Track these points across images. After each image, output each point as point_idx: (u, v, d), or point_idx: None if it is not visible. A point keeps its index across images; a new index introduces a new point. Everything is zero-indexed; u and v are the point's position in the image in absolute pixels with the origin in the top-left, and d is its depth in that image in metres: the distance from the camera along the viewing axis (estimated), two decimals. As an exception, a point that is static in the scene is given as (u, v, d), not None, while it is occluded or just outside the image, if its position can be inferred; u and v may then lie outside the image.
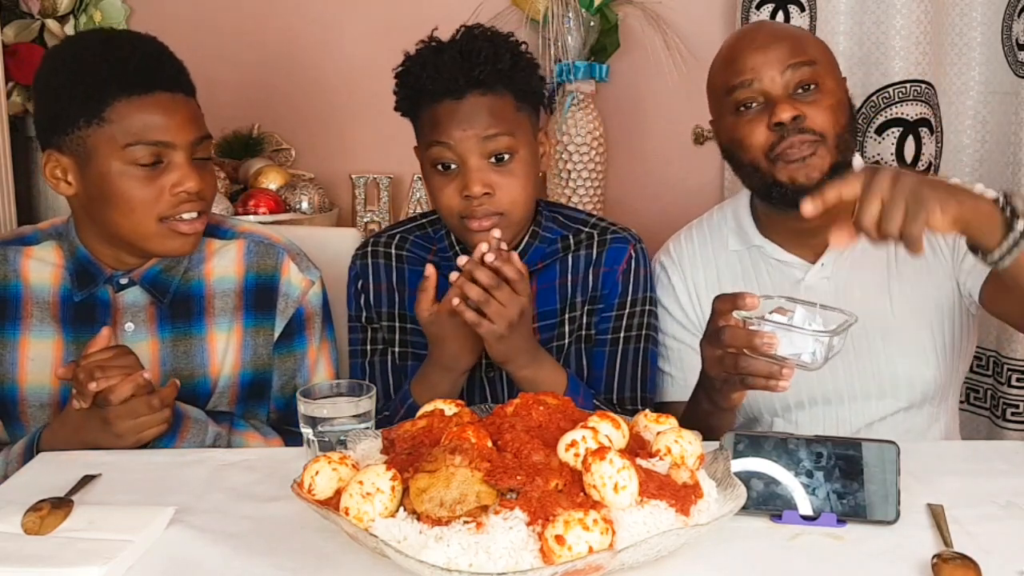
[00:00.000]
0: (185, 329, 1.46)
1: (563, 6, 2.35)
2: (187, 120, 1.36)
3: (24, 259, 1.46)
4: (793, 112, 1.40)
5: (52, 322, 1.44)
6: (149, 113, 1.33)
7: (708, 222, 1.66)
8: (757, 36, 1.48)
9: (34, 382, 1.43)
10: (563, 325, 1.54)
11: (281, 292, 1.50)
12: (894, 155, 2.30)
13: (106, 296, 1.44)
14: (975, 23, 2.27)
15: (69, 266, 1.44)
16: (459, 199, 1.44)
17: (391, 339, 1.56)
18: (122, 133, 1.32)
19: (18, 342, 1.43)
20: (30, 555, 0.98)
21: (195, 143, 1.37)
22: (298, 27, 2.61)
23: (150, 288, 1.44)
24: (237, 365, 1.48)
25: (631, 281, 1.54)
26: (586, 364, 1.54)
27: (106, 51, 1.35)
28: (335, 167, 2.62)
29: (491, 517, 0.90)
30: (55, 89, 1.37)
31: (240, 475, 1.23)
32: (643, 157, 2.60)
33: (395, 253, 1.58)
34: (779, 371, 1.17)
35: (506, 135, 1.42)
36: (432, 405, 1.14)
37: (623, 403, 1.53)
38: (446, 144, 1.42)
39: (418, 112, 1.47)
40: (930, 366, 1.49)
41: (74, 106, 1.33)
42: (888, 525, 1.05)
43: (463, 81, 1.41)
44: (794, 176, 1.42)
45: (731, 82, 1.45)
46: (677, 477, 0.99)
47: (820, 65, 1.44)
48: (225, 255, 1.50)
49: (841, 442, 1.10)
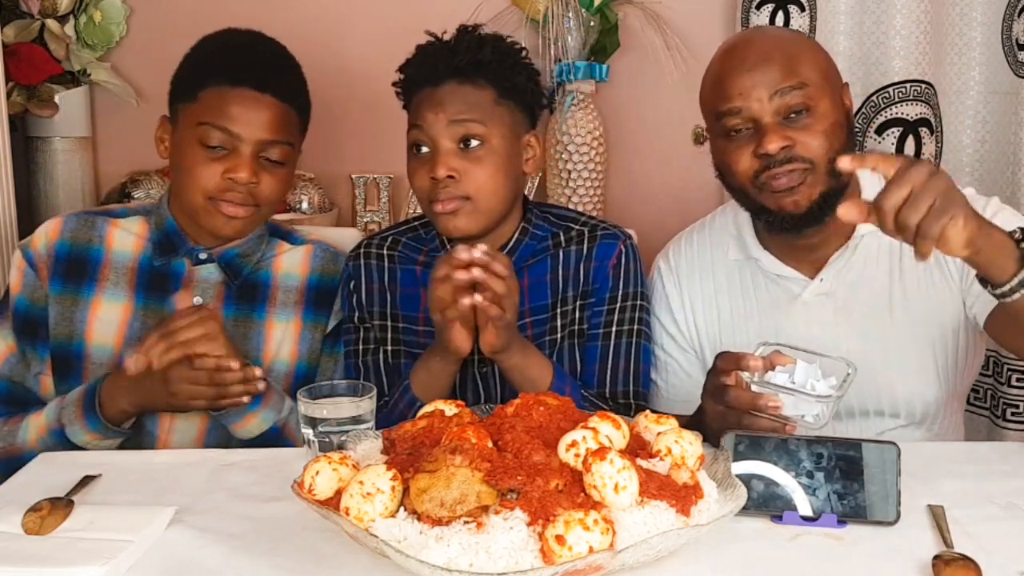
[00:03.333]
0: (248, 312, 1.56)
1: (563, 6, 2.35)
2: (264, 120, 1.47)
3: (111, 227, 1.57)
4: (781, 143, 1.36)
5: (126, 287, 1.53)
6: (229, 103, 1.45)
7: (711, 225, 1.63)
8: (747, 56, 1.40)
9: (99, 341, 1.51)
10: (555, 319, 1.55)
11: (339, 295, 1.61)
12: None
13: (182, 268, 1.54)
14: (975, 23, 2.27)
15: (153, 237, 1.55)
16: (428, 181, 1.47)
17: (383, 338, 1.57)
18: (202, 113, 1.46)
19: (91, 302, 1.52)
20: (30, 555, 0.98)
21: (266, 143, 1.47)
22: (298, 27, 2.60)
23: (226, 267, 1.55)
24: (294, 355, 1.57)
25: (621, 275, 1.54)
26: (579, 359, 1.55)
27: (225, 44, 1.54)
28: (335, 167, 2.61)
29: (491, 517, 0.90)
30: (180, 65, 1.54)
31: (240, 475, 1.23)
32: (643, 157, 2.60)
33: (387, 254, 1.60)
34: (783, 428, 1.17)
35: (476, 122, 1.46)
36: (432, 405, 1.14)
37: (615, 397, 1.52)
38: (419, 127, 1.48)
39: (408, 103, 1.53)
40: (931, 386, 1.46)
41: (182, 83, 1.52)
42: (888, 526, 1.05)
43: (442, 68, 1.47)
44: (781, 205, 1.39)
45: (719, 107, 1.41)
46: (677, 477, 0.99)
47: (813, 87, 1.38)
48: (294, 256, 1.61)
49: (841, 443, 1.10)
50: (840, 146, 1.38)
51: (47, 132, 2.48)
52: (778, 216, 1.40)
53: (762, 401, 1.16)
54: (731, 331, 1.54)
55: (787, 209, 1.39)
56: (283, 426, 1.47)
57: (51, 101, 2.44)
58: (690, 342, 1.59)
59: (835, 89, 1.43)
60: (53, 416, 1.44)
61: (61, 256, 1.53)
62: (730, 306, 1.56)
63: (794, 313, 1.49)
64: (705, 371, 1.27)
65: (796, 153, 1.37)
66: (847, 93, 1.46)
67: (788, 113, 1.37)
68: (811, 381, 1.15)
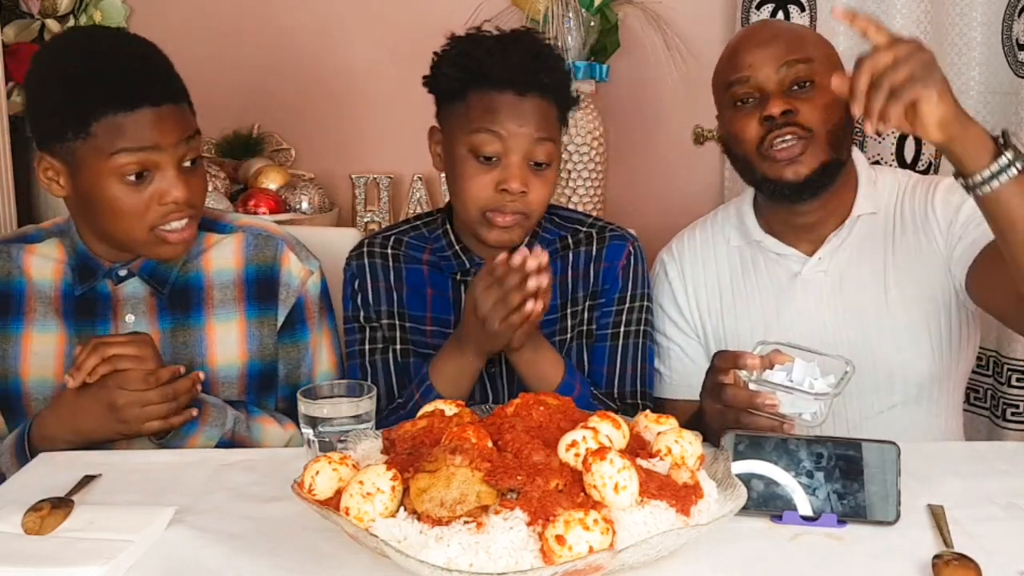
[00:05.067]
0: (184, 320, 1.47)
1: (563, 6, 2.35)
2: (173, 128, 1.35)
3: (27, 255, 1.48)
4: (783, 106, 1.43)
5: (55, 316, 1.45)
6: (131, 129, 1.32)
7: (712, 220, 1.68)
8: (758, 34, 1.52)
9: (37, 376, 1.45)
10: (564, 320, 1.55)
11: (282, 282, 1.51)
12: (894, 155, 2.30)
13: (106, 289, 1.46)
14: (975, 23, 2.27)
15: (71, 261, 1.46)
16: (491, 191, 1.44)
17: (391, 337, 1.56)
18: (108, 145, 1.32)
19: (22, 336, 1.45)
20: (30, 555, 0.98)
21: (182, 147, 1.36)
22: (299, 27, 2.61)
23: (149, 279, 1.46)
24: (244, 356, 1.49)
25: (630, 277, 1.56)
26: (587, 359, 1.55)
27: (91, 65, 1.34)
28: (335, 167, 2.62)
29: (491, 517, 0.90)
30: (43, 99, 1.38)
31: (240, 475, 1.23)
32: (643, 157, 2.60)
33: (391, 253, 1.58)
34: (781, 426, 1.18)
35: (550, 141, 1.46)
36: (432, 406, 1.14)
37: (623, 398, 1.54)
38: (497, 134, 1.42)
39: (466, 95, 1.45)
40: (924, 357, 1.50)
41: (61, 118, 1.34)
42: (888, 525, 1.05)
43: (530, 79, 1.44)
44: (782, 173, 1.45)
45: (729, 77, 1.49)
46: (677, 477, 0.99)
47: (817, 63, 1.46)
48: (224, 248, 1.51)
49: (841, 442, 1.10)
50: (839, 122, 1.46)
51: (47, 132, 2.47)
52: (779, 185, 1.46)
53: (759, 399, 1.17)
54: (733, 314, 1.59)
55: (787, 178, 1.45)
56: (232, 437, 1.41)
57: (51, 101, 2.44)
58: (693, 328, 1.62)
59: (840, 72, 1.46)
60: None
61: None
62: (732, 289, 1.60)
63: (794, 291, 1.55)
64: (708, 357, 1.30)
65: (797, 119, 1.43)
66: None
67: (792, 84, 1.45)
68: (809, 379, 1.16)
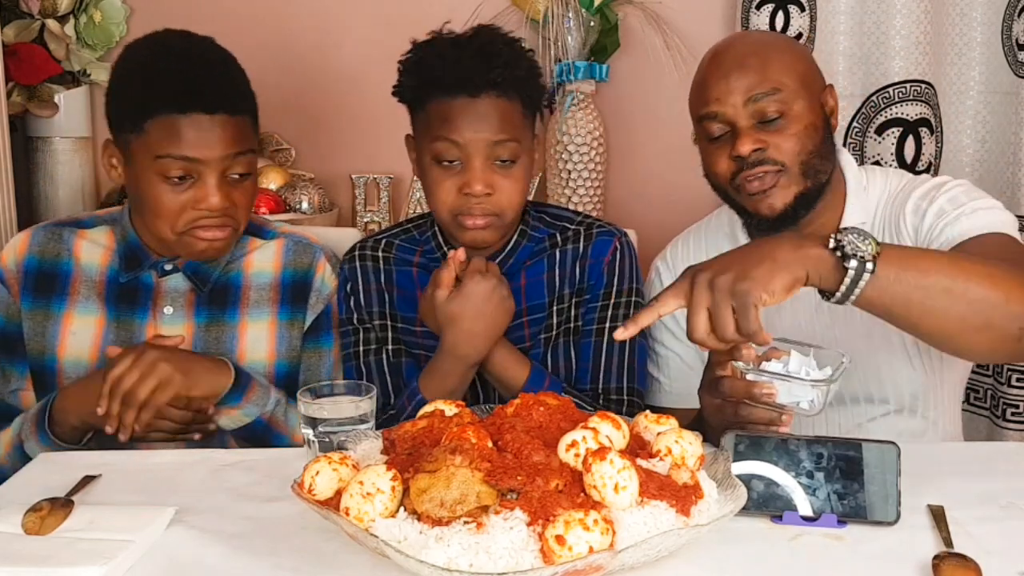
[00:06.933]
0: (219, 316, 1.53)
1: (563, 6, 2.35)
2: (222, 139, 1.41)
3: (78, 239, 1.55)
4: (753, 145, 1.41)
5: (97, 300, 1.51)
6: (182, 132, 1.39)
7: (706, 226, 1.67)
8: (723, 62, 1.45)
9: (73, 356, 1.50)
10: (551, 317, 1.55)
11: (314, 287, 1.58)
12: (894, 155, 2.30)
13: (150, 280, 1.52)
14: (975, 23, 2.27)
15: (119, 249, 1.53)
16: (456, 195, 1.45)
17: (384, 337, 1.57)
18: (157, 145, 1.39)
19: (63, 316, 1.51)
20: (30, 555, 0.98)
21: (229, 160, 1.42)
22: (298, 27, 2.61)
23: (192, 276, 1.52)
24: (272, 356, 1.55)
25: (616, 272, 1.55)
26: (574, 356, 1.55)
27: (157, 66, 1.43)
28: (335, 167, 2.62)
29: (491, 517, 0.90)
30: (115, 92, 1.47)
31: (240, 475, 1.23)
32: (643, 157, 2.60)
33: (382, 256, 1.59)
34: (779, 418, 1.18)
35: (513, 141, 1.45)
36: (432, 406, 1.14)
37: (608, 393, 1.52)
38: (454, 142, 1.43)
39: (425, 103, 1.46)
40: (913, 368, 1.48)
41: (123, 111, 1.44)
42: (888, 526, 1.05)
43: (481, 80, 1.42)
44: (756, 208, 1.44)
45: (699, 111, 1.47)
46: (677, 478, 0.99)
47: (786, 91, 1.41)
48: (265, 252, 1.58)
49: (842, 443, 1.10)
50: (815, 147, 1.43)
51: (47, 132, 2.48)
52: (755, 218, 1.46)
53: (756, 389, 1.16)
54: None
55: (762, 212, 1.44)
56: (269, 419, 1.46)
57: (51, 101, 2.45)
58: None
59: (812, 92, 1.46)
60: (16, 431, 1.43)
61: (30, 271, 1.52)
62: None
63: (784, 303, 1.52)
64: (704, 364, 1.29)
65: (768, 156, 1.41)
66: (831, 94, 1.49)
67: (762, 118, 1.42)
68: (806, 369, 1.16)
